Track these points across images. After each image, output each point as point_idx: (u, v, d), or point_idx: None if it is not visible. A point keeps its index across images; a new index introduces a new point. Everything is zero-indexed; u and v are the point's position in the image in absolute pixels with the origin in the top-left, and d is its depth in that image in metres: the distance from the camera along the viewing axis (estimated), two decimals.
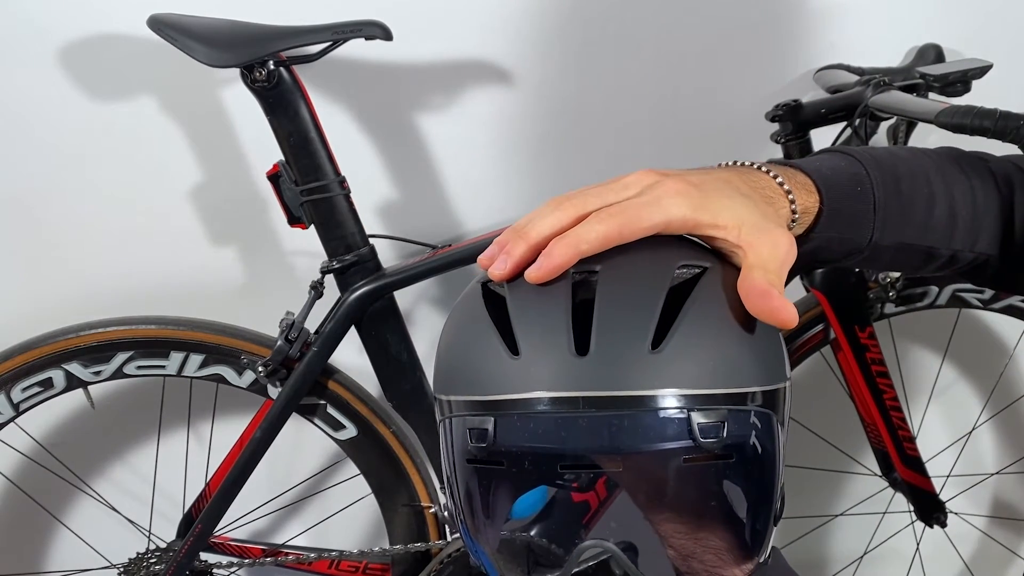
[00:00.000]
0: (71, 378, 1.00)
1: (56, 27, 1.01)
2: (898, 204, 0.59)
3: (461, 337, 0.51)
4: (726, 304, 0.49)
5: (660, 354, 0.46)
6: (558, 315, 0.47)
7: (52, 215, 1.10)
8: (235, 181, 1.11)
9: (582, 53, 1.11)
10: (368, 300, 0.99)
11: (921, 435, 1.30)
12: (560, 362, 0.46)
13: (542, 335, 0.47)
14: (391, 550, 1.11)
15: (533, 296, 0.48)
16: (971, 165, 0.65)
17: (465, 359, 0.49)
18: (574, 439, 0.47)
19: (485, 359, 0.48)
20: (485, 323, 0.49)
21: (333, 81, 1.07)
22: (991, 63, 0.99)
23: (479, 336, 0.48)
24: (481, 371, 0.48)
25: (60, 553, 1.29)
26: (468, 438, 0.48)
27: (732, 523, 0.54)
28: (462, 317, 0.52)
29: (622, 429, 0.46)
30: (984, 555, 1.55)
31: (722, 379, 0.47)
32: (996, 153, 0.67)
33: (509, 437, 0.47)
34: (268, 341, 1.01)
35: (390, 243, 1.11)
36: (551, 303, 0.47)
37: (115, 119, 1.06)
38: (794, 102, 0.98)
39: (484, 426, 0.47)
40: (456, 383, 0.49)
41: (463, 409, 0.48)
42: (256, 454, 1.02)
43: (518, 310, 0.48)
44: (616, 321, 0.46)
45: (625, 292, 0.48)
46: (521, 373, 0.46)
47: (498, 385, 0.47)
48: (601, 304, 0.47)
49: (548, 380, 0.46)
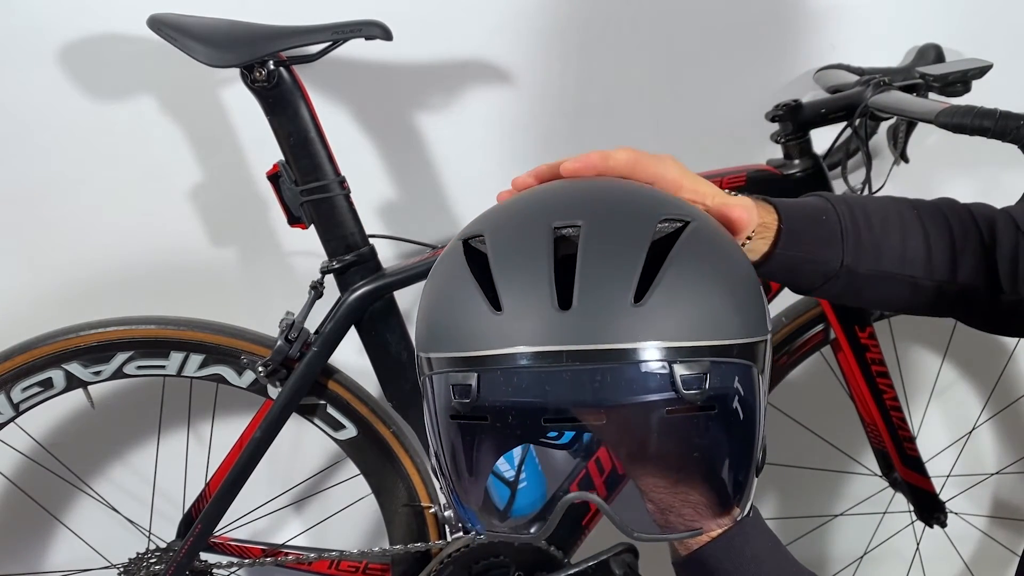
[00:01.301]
0: (71, 378, 1.00)
1: (56, 27, 1.01)
2: (869, 234, 0.64)
3: (443, 293, 0.51)
4: (708, 258, 0.50)
5: (643, 307, 0.46)
6: (540, 269, 0.47)
7: (52, 215, 1.10)
8: (235, 181, 1.11)
9: (582, 53, 1.11)
10: (368, 300, 0.99)
11: (921, 435, 1.30)
12: (542, 316, 0.46)
13: (524, 290, 0.47)
14: (391, 550, 1.11)
15: (515, 251, 0.49)
16: (947, 205, 0.69)
17: (448, 315, 0.50)
18: (557, 393, 0.48)
19: (467, 315, 0.48)
20: (467, 279, 0.49)
21: (333, 81, 1.07)
22: (991, 63, 0.99)
23: (461, 292, 0.49)
24: (463, 327, 0.48)
25: (60, 553, 1.29)
26: (452, 394, 0.49)
27: (713, 474, 0.55)
28: (444, 274, 0.52)
29: (605, 382, 0.47)
30: (984, 555, 1.55)
31: (704, 331, 0.48)
32: (995, 153, 0.67)
33: (493, 392, 0.48)
34: (268, 341, 1.01)
35: (390, 243, 1.11)
36: (533, 258, 0.48)
37: (115, 119, 1.06)
38: (794, 102, 0.98)
39: (467, 382, 0.48)
40: (438, 340, 0.50)
41: (446, 366, 0.49)
42: (256, 454, 1.02)
43: (500, 265, 0.48)
44: (599, 275, 0.47)
45: (608, 246, 0.48)
46: (503, 328, 0.47)
47: (481, 341, 0.47)
48: (584, 258, 0.47)
49: (530, 335, 0.46)
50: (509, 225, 0.51)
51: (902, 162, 1.03)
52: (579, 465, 0.94)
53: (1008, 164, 0.85)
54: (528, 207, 0.53)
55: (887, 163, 1.05)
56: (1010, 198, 0.96)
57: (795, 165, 1.00)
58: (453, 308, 0.50)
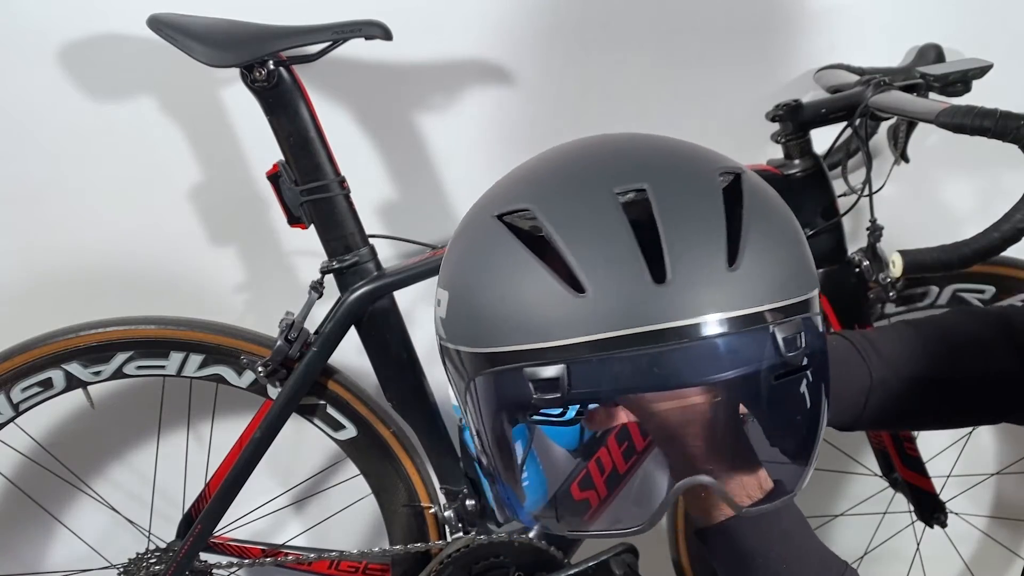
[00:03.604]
0: (71, 378, 1.00)
1: (56, 27, 1.01)
2: (887, 345, 0.65)
3: (496, 279, 0.45)
4: (774, 212, 0.47)
5: (737, 271, 0.43)
6: (622, 242, 0.43)
7: (52, 215, 1.10)
8: (235, 181, 1.11)
9: (582, 53, 1.11)
10: (368, 300, 0.99)
11: (921, 435, 1.30)
12: (637, 294, 0.42)
13: (608, 266, 0.42)
14: (391, 550, 1.11)
15: (584, 225, 0.44)
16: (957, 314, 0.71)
17: (511, 304, 0.44)
18: (663, 375, 0.43)
19: (540, 301, 0.43)
20: (527, 260, 0.44)
21: (333, 81, 1.07)
22: (991, 63, 0.99)
23: (523, 275, 0.44)
24: (538, 315, 0.43)
25: (60, 553, 1.29)
26: (531, 390, 0.43)
27: (802, 433, 0.52)
28: (488, 257, 0.46)
29: (714, 357, 0.43)
30: (984, 555, 1.55)
31: (792, 289, 0.45)
32: (995, 153, 0.68)
33: (587, 382, 0.43)
34: (268, 341, 1.01)
35: (390, 243, 1.11)
36: (608, 230, 0.43)
37: (115, 119, 1.06)
38: (794, 102, 0.97)
39: (554, 375, 0.42)
40: (502, 332, 0.44)
41: (519, 359, 0.43)
42: (256, 454, 1.02)
43: (571, 241, 0.43)
44: (687, 242, 0.43)
45: (684, 209, 0.44)
46: (592, 311, 0.42)
47: (566, 328, 0.42)
48: (666, 225, 0.43)
49: (626, 315, 0.42)
50: (562, 195, 0.46)
51: (902, 162, 1.03)
52: (580, 465, 0.94)
53: (1008, 164, 0.85)
54: (577, 172, 0.48)
55: (887, 163, 1.05)
56: (1010, 198, 0.96)
57: (795, 165, 1.00)
58: (518, 295, 0.44)
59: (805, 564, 0.58)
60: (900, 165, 1.03)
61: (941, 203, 1.28)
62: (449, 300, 0.47)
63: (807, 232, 0.99)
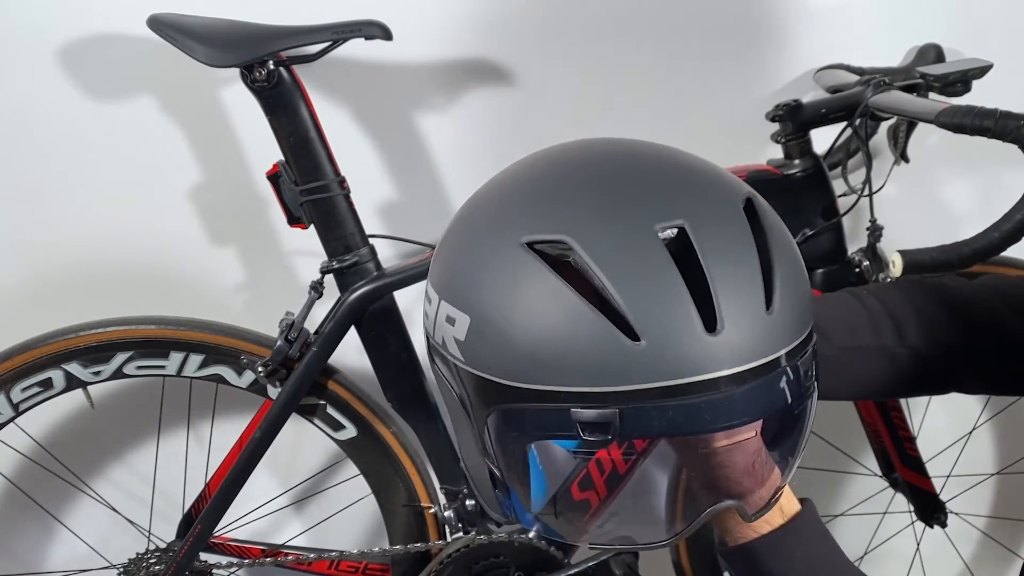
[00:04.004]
0: (71, 378, 1.00)
1: (56, 27, 1.01)
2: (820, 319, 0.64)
3: (542, 318, 0.44)
4: (786, 236, 0.50)
5: (773, 313, 0.45)
6: (674, 289, 0.43)
7: (52, 215, 1.10)
8: (235, 181, 1.11)
9: (582, 53, 1.11)
10: (368, 300, 0.99)
11: (921, 435, 1.30)
12: (691, 344, 0.43)
13: (663, 316, 0.43)
14: (391, 550, 1.11)
15: (634, 271, 0.44)
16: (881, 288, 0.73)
17: (561, 345, 0.43)
18: (711, 420, 0.44)
19: (593, 346, 0.43)
20: (576, 304, 0.43)
21: (333, 81, 1.07)
22: (991, 63, 0.99)
23: (574, 318, 0.43)
24: (588, 359, 0.43)
25: (60, 553, 1.29)
26: (579, 430, 0.43)
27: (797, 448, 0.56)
28: (527, 292, 0.45)
29: (755, 400, 0.45)
30: (984, 555, 1.55)
31: (808, 318, 0.48)
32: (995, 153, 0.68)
33: (638, 427, 0.44)
34: (268, 341, 1.01)
35: (390, 243, 1.11)
36: (658, 274, 0.43)
37: (115, 119, 1.06)
38: (794, 102, 0.98)
39: (607, 420, 0.43)
40: (550, 372, 0.44)
41: (566, 400, 0.43)
42: (256, 454, 1.02)
43: (621, 287, 0.43)
44: (731, 287, 0.44)
45: (724, 249, 0.45)
46: (646, 361, 0.42)
47: (618, 375, 0.42)
48: (711, 268, 0.44)
49: (680, 366, 0.42)
50: (603, 232, 0.45)
51: (902, 162, 1.03)
52: (580, 465, 0.94)
53: (1008, 164, 0.85)
54: (612, 203, 0.47)
55: (887, 163, 1.05)
56: (1010, 198, 0.96)
57: (795, 165, 1.00)
58: (567, 337, 0.43)
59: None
60: (900, 165, 1.03)
61: (941, 203, 1.28)
62: (471, 325, 0.46)
63: (807, 232, 0.99)
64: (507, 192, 0.52)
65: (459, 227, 0.53)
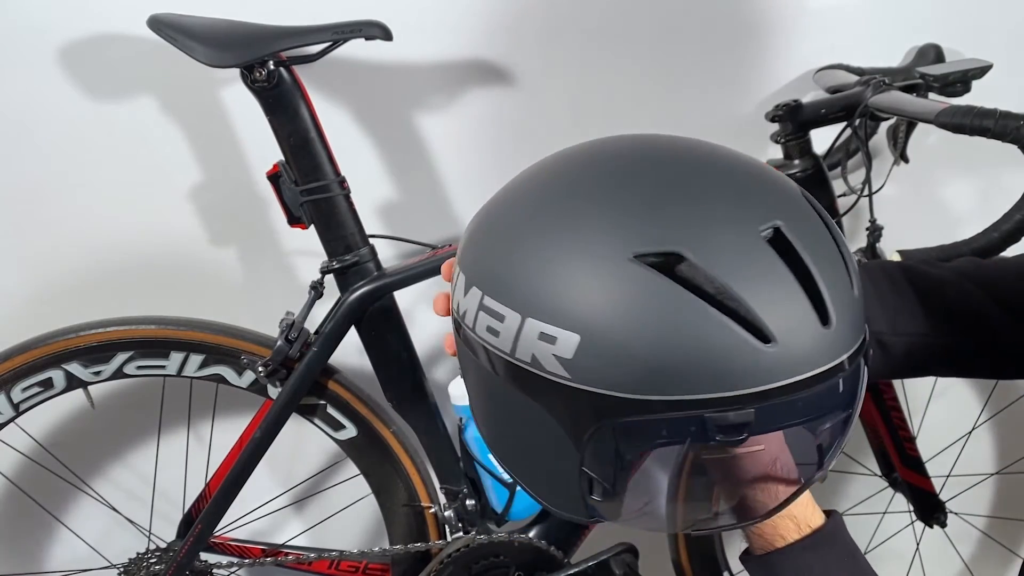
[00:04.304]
0: (71, 378, 1.00)
1: (56, 27, 1.01)
2: None
3: (670, 329, 0.45)
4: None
5: (857, 296, 0.48)
6: (791, 288, 0.46)
7: (52, 215, 1.10)
8: (235, 181, 1.11)
9: (582, 53, 1.11)
10: (368, 300, 0.99)
11: (921, 435, 1.30)
12: (814, 338, 0.45)
13: (789, 316, 0.45)
14: (391, 550, 1.11)
15: (749, 271, 0.45)
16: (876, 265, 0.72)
17: (692, 353, 0.45)
18: (829, 408, 0.48)
19: (727, 351, 0.44)
20: (705, 311, 0.44)
21: (333, 81, 1.07)
22: (991, 63, 0.99)
23: (706, 326, 0.44)
24: (723, 364, 0.44)
25: (60, 553, 1.29)
26: (711, 434, 0.45)
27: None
28: (650, 305, 0.45)
29: (859, 381, 0.48)
30: (984, 555, 1.55)
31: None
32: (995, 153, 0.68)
33: (769, 423, 0.46)
34: (268, 341, 1.01)
35: (390, 243, 1.11)
36: (775, 275, 0.46)
37: (115, 119, 1.06)
38: (794, 102, 0.98)
39: (744, 421, 0.45)
40: (683, 381, 0.45)
41: (700, 406, 0.45)
42: (256, 454, 1.02)
43: (746, 291, 0.45)
44: (830, 278, 0.47)
45: (814, 241, 0.48)
46: (779, 360, 0.44)
47: (754, 376, 0.44)
48: (814, 262, 0.47)
49: (807, 360, 0.45)
50: (716, 239, 0.47)
51: (902, 162, 1.03)
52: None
53: (1008, 164, 0.85)
54: (714, 208, 0.48)
55: (887, 163, 1.05)
56: (1010, 198, 0.96)
57: (795, 165, 1.00)
58: (699, 345, 0.44)
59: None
60: (900, 165, 1.03)
61: (941, 203, 1.28)
62: (582, 343, 0.46)
63: None
64: (591, 204, 0.50)
65: (533, 241, 0.50)
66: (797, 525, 0.58)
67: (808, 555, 0.57)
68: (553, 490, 0.55)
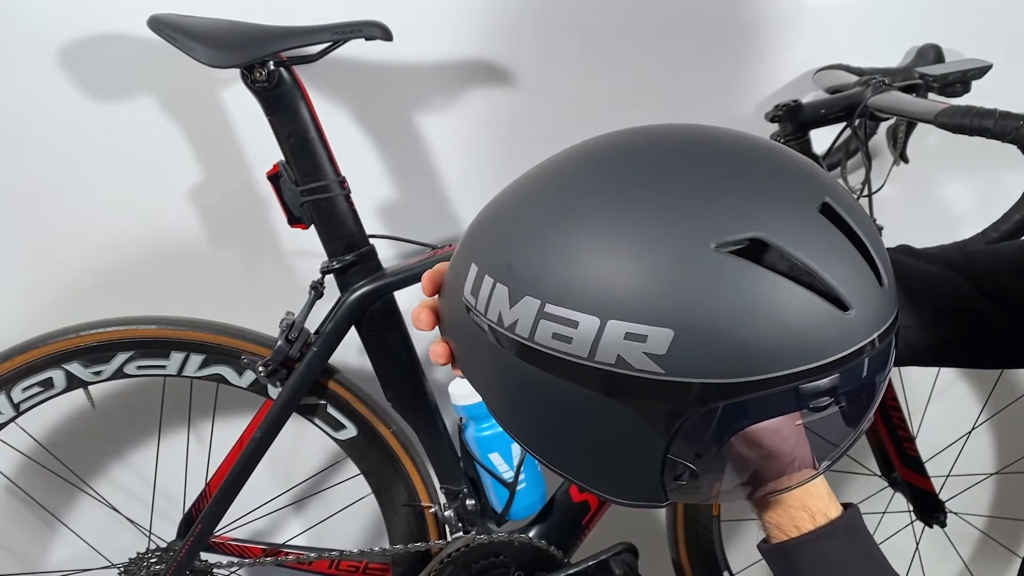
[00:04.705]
0: (71, 378, 1.00)
1: (56, 27, 1.01)
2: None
3: (761, 310, 0.47)
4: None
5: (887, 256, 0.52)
6: (854, 256, 0.49)
7: (52, 215, 1.10)
8: (235, 181, 1.11)
9: (582, 53, 1.11)
10: (368, 300, 0.99)
11: (921, 435, 1.30)
12: (877, 299, 0.49)
13: (858, 282, 0.49)
14: (391, 550, 1.11)
15: (819, 244, 0.48)
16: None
17: (783, 330, 0.47)
18: (884, 364, 0.52)
19: (814, 323, 0.47)
20: (792, 289, 0.47)
21: (333, 81, 1.07)
22: (991, 63, 0.99)
23: (794, 303, 0.47)
24: (811, 336, 0.47)
25: (60, 553, 1.29)
26: (804, 403, 0.48)
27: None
28: (743, 290, 0.47)
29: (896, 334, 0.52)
30: (984, 555, 1.55)
31: None
32: (995, 153, 0.68)
33: (848, 383, 0.49)
34: (268, 341, 1.01)
35: (390, 243, 1.11)
36: (839, 246, 0.49)
37: (115, 119, 1.06)
38: (794, 102, 0.98)
39: (831, 385, 0.48)
40: (776, 357, 0.47)
41: (793, 380, 0.47)
42: (256, 454, 1.02)
43: (821, 264, 0.48)
44: (876, 244, 0.51)
45: (855, 212, 0.51)
46: (857, 324, 0.48)
47: (839, 343, 0.48)
48: (861, 231, 0.50)
49: (876, 320, 0.49)
50: (785, 219, 0.49)
51: (902, 162, 1.03)
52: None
53: (1008, 164, 0.85)
54: (775, 191, 0.51)
55: (887, 163, 1.05)
56: (1010, 198, 0.97)
57: None
58: (789, 321, 0.47)
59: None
60: (899, 165, 1.03)
61: (941, 203, 1.28)
62: (676, 337, 0.47)
63: None
64: (657, 196, 0.50)
65: (601, 242, 0.50)
66: (812, 516, 0.59)
67: (823, 544, 0.58)
68: (623, 482, 0.55)
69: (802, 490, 0.59)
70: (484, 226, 0.56)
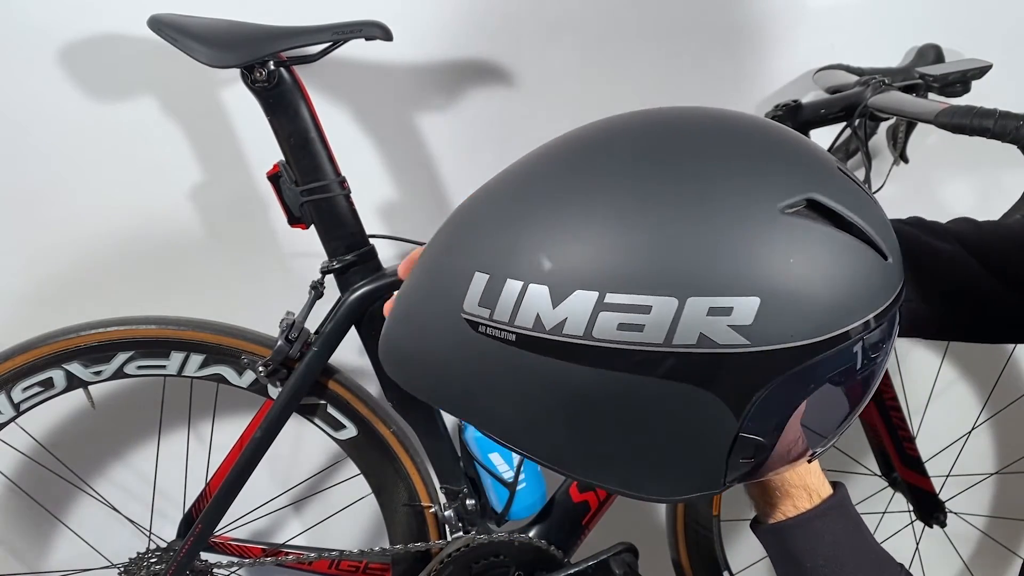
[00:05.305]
0: (71, 378, 1.00)
1: (56, 27, 1.01)
2: None
3: (833, 267, 0.49)
4: None
5: None
6: (879, 209, 0.52)
7: (52, 215, 1.10)
8: (235, 181, 1.11)
9: (582, 53, 1.11)
10: (368, 300, 0.99)
11: (921, 435, 1.30)
12: (898, 249, 0.52)
13: (887, 231, 0.51)
14: (391, 550, 1.11)
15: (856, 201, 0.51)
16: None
17: (849, 284, 0.49)
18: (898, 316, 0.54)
19: (867, 275, 0.49)
20: (849, 242, 0.49)
21: (333, 81, 1.07)
22: (991, 63, 0.99)
23: (853, 256, 0.49)
24: (867, 287, 0.49)
25: (60, 553, 1.29)
26: (869, 354, 0.50)
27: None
28: (814, 249, 0.48)
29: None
30: (984, 555, 1.55)
31: None
32: (995, 153, 0.68)
33: (892, 332, 0.52)
34: (268, 341, 1.01)
35: (390, 243, 1.11)
36: (868, 201, 0.52)
37: (115, 119, 1.06)
38: (794, 102, 0.98)
39: (882, 336, 0.50)
40: (847, 311, 0.49)
41: (860, 333, 0.49)
42: (256, 454, 1.02)
43: (863, 218, 0.50)
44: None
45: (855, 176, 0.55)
46: (894, 271, 0.51)
47: (885, 291, 0.50)
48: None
49: (901, 267, 0.52)
50: (828, 180, 0.51)
51: (902, 162, 1.03)
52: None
53: (1008, 164, 0.85)
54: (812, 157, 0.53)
55: (887, 163, 1.05)
56: (1010, 198, 0.97)
57: None
58: (853, 275, 0.49)
59: (857, 569, 0.59)
60: (899, 165, 1.03)
61: (941, 203, 1.28)
62: (763, 305, 0.46)
63: None
64: (716, 166, 0.50)
65: (670, 218, 0.48)
66: (809, 495, 0.59)
67: (818, 523, 0.59)
68: (679, 476, 0.52)
69: (803, 468, 0.59)
70: (483, 227, 0.53)
